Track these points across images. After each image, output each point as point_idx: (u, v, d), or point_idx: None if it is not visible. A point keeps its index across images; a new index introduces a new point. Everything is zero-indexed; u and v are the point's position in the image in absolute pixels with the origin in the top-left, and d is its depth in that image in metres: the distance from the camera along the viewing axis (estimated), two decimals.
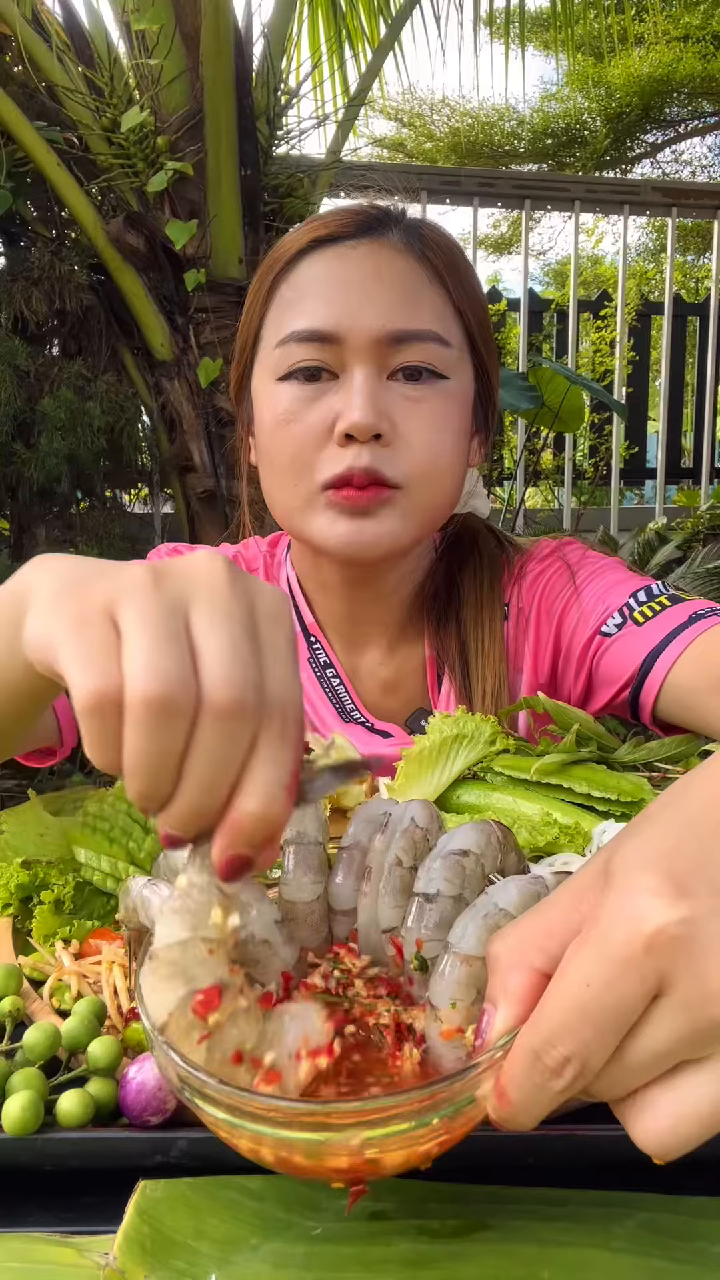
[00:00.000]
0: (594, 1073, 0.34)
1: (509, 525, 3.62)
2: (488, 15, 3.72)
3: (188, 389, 2.69)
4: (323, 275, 0.91)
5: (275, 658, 0.38)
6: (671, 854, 0.34)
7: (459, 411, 0.93)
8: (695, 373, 5.30)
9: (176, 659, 0.35)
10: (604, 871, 0.35)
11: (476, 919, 0.41)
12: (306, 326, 0.88)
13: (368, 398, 0.87)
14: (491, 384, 1.00)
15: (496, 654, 1.01)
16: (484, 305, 0.98)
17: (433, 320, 0.90)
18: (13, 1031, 0.52)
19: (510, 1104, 0.35)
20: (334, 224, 0.92)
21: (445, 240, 0.96)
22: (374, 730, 1.01)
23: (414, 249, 0.92)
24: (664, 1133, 0.34)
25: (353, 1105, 0.35)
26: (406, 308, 0.89)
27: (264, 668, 0.37)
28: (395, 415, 0.89)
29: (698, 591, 2.96)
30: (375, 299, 0.88)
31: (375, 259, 0.90)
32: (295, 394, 0.90)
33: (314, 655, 1.04)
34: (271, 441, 0.92)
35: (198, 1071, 0.37)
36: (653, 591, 0.99)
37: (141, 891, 0.44)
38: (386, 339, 0.88)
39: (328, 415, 0.88)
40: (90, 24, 2.69)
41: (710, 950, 0.32)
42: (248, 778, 0.36)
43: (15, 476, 2.64)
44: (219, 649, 0.36)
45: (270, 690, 0.37)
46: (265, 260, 0.97)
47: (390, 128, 11.91)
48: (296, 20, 3.13)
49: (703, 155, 12.88)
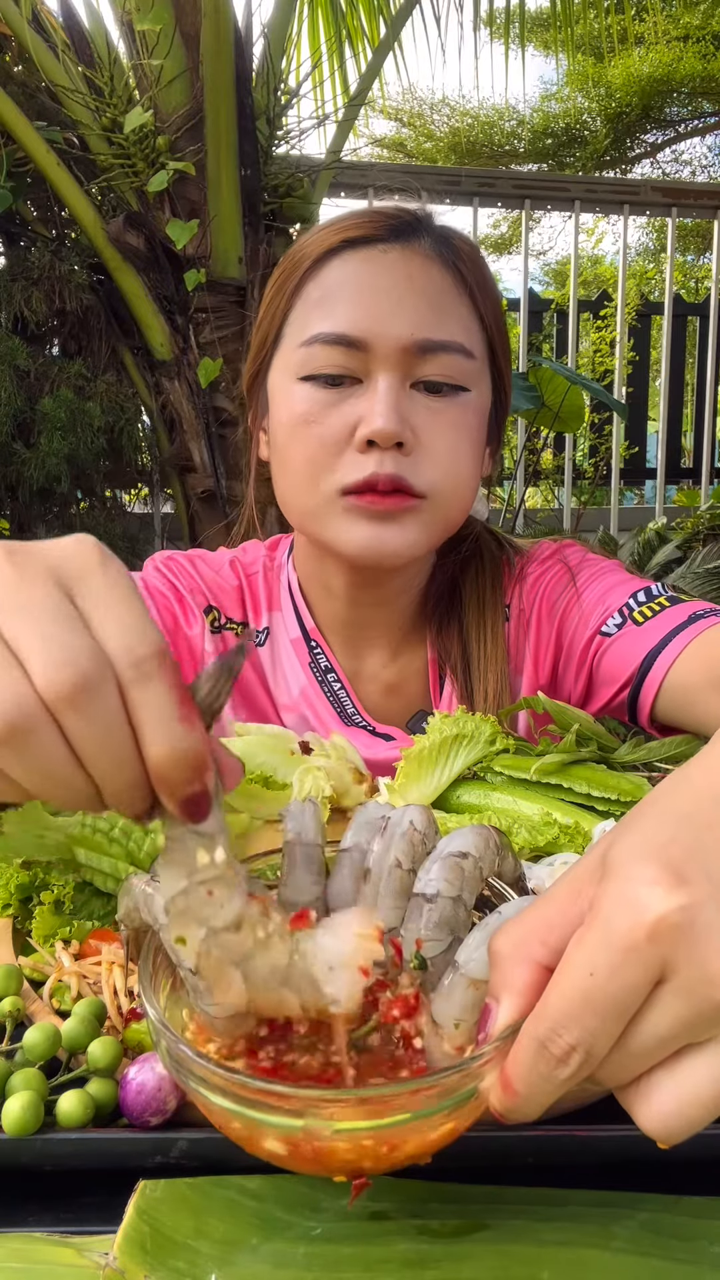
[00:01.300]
0: (599, 1060, 0.34)
1: (509, 525, 3.62)
2: (488, 15, 3.73)
3: (188, 389, 2.69)
4: (352, 278, 0.89)
5: (96, 605, 0.36)
6: (669, 845, 0.35)
7: (478, 423, 0.93)
8: (695, 373, 5.30)
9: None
10: (601, 864, 0.36)
11: (484, 940, 0.41)
12: (334, 330, 0.88)
13: (392, 405, 0.86)
14: (505, 393, 1.00)
15: (498, 655, 1.02)
16: (503, 315, 0.97)
17: (459, 331, 0.90)
18: (13, 1032, 0.52)
19: (516, 1094, 0.36)
20: (367, 225, 0.91)
21: (473, 250, 0.95)
22: (375, 734, 1.01)
23: (444, 257, 0.91)
24: (668, 1116, 0.34)
25: (358, 1092, 0.35)
26: (435, 317, 0.88)
27: (93, 626, 0.35)
28: (417, 424, 0.88)
29: (698, 591, 2.96)
30: (405, 306, 0.87)
31: (407, 265, 0.89)
32: (316, 396, 0.89)
33: (315, 660, 1.04)
34: (289, 441, 0.91)
35: (206, 1061, 0.37)
36: (652, 592, 1.00)
37: (142, 890, 0.44)
38: (414, 348, 0.87)
39: (349, 419, 0.88)
40: (90, 24, 2.69)
41: (709, 935, 0.33)
42: (141, 731, 0.35)
43: (15, 476, 2.64)
44: (29, 642, 0.34)
45: (109, 642, 0.35)
46: (289, 255, 0.96)
47: (390, 128, 11.92)
48: (296, 20, 3.13)
49: (703, 155, 12.89)
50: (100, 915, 0.64)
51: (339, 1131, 0.36)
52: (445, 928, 0.44)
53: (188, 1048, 0.37)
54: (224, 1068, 0.37)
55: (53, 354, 2.85)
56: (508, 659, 1.03)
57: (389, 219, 0.91)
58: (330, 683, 1.03)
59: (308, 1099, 0.35)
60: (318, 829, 0.51)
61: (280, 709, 1.05)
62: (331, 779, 0.82)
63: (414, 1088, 0.36)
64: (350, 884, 0.50)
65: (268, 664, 1.05)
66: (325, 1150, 0.37)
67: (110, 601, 0.36)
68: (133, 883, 0.45)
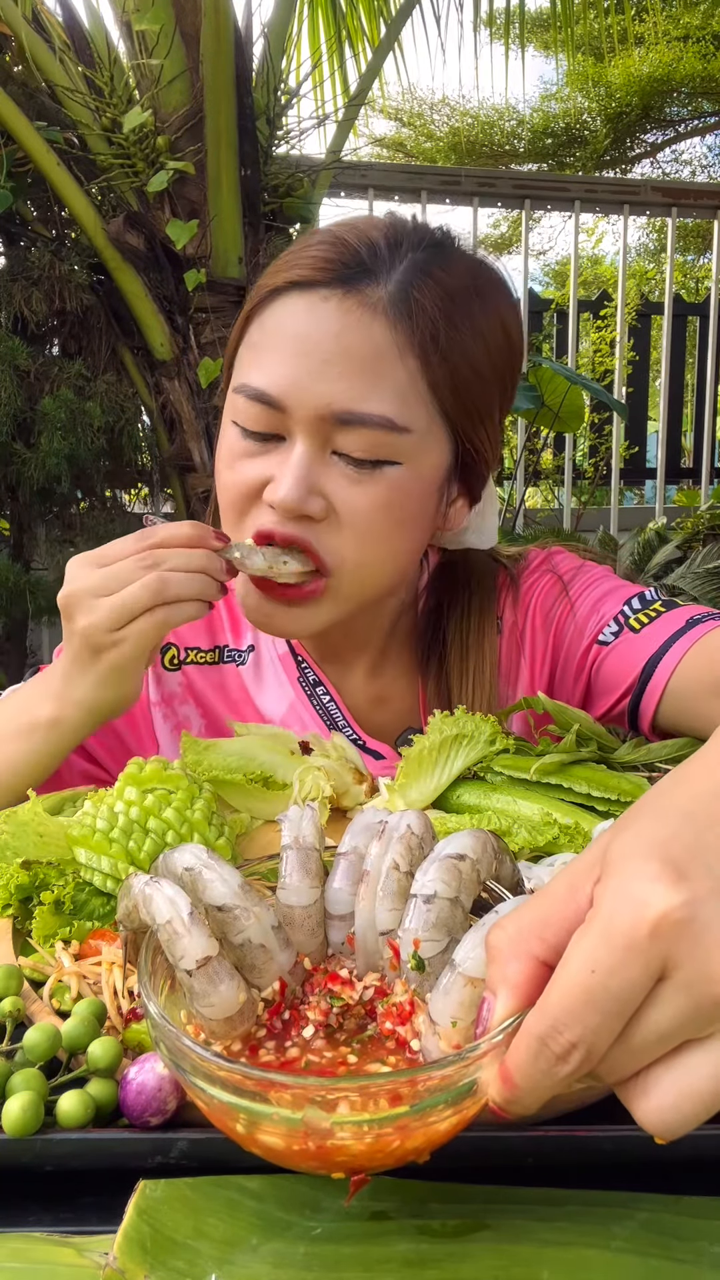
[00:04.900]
0: (599, 1056, 0.34)
1: (509, 525, 3.62)
2: (488, 15, 3.72)
3: (188, 389, 2.69)
4: (287, 327, 0.83)
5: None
6: (669, 841, 0.35)
7: (411, 497, 0.86)
8: (695, 373, 5.31)
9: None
10: (601, 861, 0.36)
11: (481, 939, 0.41)
12: (256, 386, 0.83)
13: (299, 477, 0.82)
14: (478, 450, 0.91)
15: (488, 669, 1.01)
16: (483, 369, 0.87)
17: (389, 402, 0.82)
18: (13, 1032, 0.52)
19: (516, 1088, 0.36)
20: (315, 267, 0.83)
21: (444, 300, 0.84)
22: (365, 749, 1.00)
23: (395, 309, 0.82)
24: (667, 1111, 0.34)
25: (357, 1080, 0.35)
26: (360, 385, 0.81)
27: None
28: (332, 493, 0.83)
29: (698, 591, 2.96)
30: (329, 370, 0.81)
31: (343, 320, 0.81)
32: (241, 445, 0.86)
33: (303, 674, 1.03)
34: (219, 477, 0.90)
35: (207, 1052, 0.37)
36: (646, 598, 0.99)
37: (142, 890, 0.44)
38: (331, 418, 0.81)
39: (263, 474, 0.85)
40: (90, 24, 2.69)
41: (710, 932, 0.33)
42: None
43: (15, 476, 2.65)
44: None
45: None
46: (255, 285, 0.91)
47: (390, 128, 11.90)
48: (296, 20, 3.13)
49: (703, 155, 12.88)
50: (100, 915, 0.64)
51: (339, 1124, 0.36)
52: (443, 928, 0.44)
53: (189, 1040, 0.37)
54: (224, 1058, 0.37)
55: (53, 354, 2.85)
56: (497, 672, 1.02)
57: (343, 262, 0.83)
58: (319, 696, 1.02)
59: (308, 1088, 0.36)
60: (316, 833, 0.51)
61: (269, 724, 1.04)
62: (331, 779, 0.82)
63: (412, 1077, 0.36)
64: (348, 887, 0.50)
65: (251, 681, 1.04)
66: (325, 1146, 0.37)
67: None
68: (133, 883, 0.45)
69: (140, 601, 0.77)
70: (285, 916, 0.49)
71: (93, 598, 0.78)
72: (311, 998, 0.47)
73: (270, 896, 0.50)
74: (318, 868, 0.50)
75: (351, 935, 0.49)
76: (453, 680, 1.01)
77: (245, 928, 0.44)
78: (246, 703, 1.04)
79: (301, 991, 0.48)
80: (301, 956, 0.49)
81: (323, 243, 0.85)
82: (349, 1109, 0.36)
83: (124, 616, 0.77)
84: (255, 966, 0.45)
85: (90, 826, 0.66)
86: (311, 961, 0.49)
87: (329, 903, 0.50)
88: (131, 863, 0.64)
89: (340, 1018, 0.46)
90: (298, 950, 0.48)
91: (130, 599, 0.77)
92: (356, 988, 0.47)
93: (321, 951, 0.50)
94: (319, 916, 0.50)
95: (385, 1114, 0.36)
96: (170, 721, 1.02)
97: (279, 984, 0.46)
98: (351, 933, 0.49)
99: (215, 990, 0.42)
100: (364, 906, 0.48)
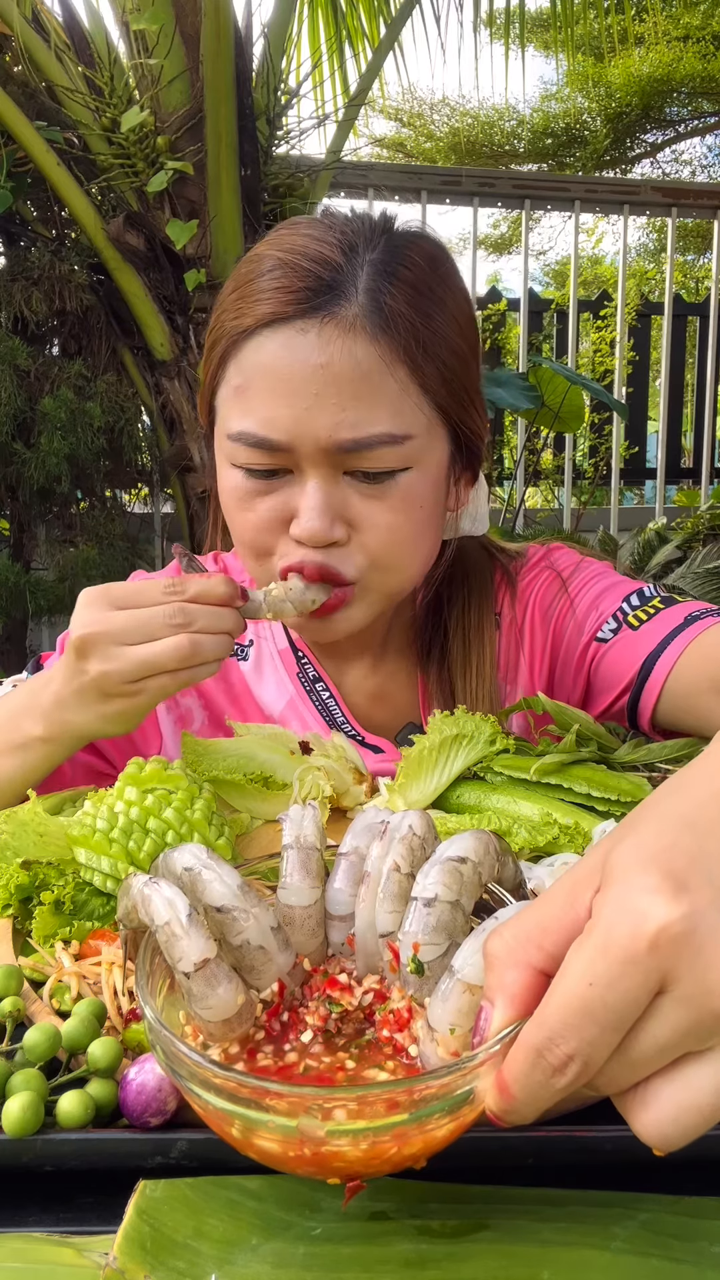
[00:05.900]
0: (597, 1068, 0.34)
1: (509, 525, 3.62)
2: (488, 16, 3.72)
3: (188, 389, 2.69)
4: (270, 367, 0.82)
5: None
6: (669, 850, 0.35)
7: (426, 495, 0.88)
8: (695, 373, 5.30)
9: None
10: (600, 869, 0.36)
11: (480, 946, 0.41)
12: (254, 433, 0.83)
13: (321, 507, 0.83)
14: (473, 430, 0.92)
15: (487, 665, 1.01)
16: (461, 349, 0.87)
17: (388, 419, 0.82)
18: (13, 1032, 0.52)
19: (513, 1099, 0.36)
20: (283, 300, 0.82)
21: (410, 293, 0.83)
22: (365, 744, 1.00)
23: (373, 323, 0.82)
24: (665, 1124, 0.34)
25: (353, 1090, 0.35)
26: (358, 410, 0.81)
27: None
28: (352, 513, 0.85)
29: (697, 591, 2.96)
30: (325, 403, 0.81)
31: (326, 349, 0.81)
32: (248, 485, 0.86)
33: (303, 670, 1.04)
34: (230, 516, 0.90)
35: (202, 1058, 0.37)
36: (645, 594, 0.99)
37: (141, 891, 0.44)
38: (334, 448, 0.82)
39: (282, 508, 0.85)
40: (90, 24, 2.69)
41: (711, 944, 0.33)
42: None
43: (15, 476, 2.65)
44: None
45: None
46: (214, 320, 0.89)
47: (390, 128, 11.91)
48: (296, 20, 3.13)
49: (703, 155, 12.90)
50: (100, 915, 0.64)
51: (334, 1132, 0.36)
52: (443, 932, 0.44)
53: (185, 1045, 0.37)
54: (219, 1065, 0.37)
55: (53, 354, 2.86)
56: (497, 668, 1.02)
57: (307, 288, 0.81)
58: (319, 692, 1.02)
59: (303, 1097, 0.35)
60: (317, 833, 0.51)
61: (269, 720, 1.04)
62: (331, 779, 0.82)
63: (409, 1086, 0.36)
64: (348, 887, 0.50)
65: (252, 676, 1.04)
66: (321, 1152, 0.37)
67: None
68: (132, 883, 0.45)
69: (168, 663, 0.74)
70: (285, 916, 0.49)
71: (114, 644, 0.75)
72: (310, 1002, 0.47)
73: (270, 896, 0.50)
74: (319, 868, 0.50)
75: (351, 936, 0.49)
76: (455, 673, 1.01)
77: (244, 929, 0.44)
78: (247, 697, 1.04)
79: (300, 993, 0.48)
80: (301, 957, 0.48)
81: (276, 271, 0.83)
82: (345, 1117, 0.36)
83: (147, 672, 0.75)
84: (254, 968, 0.45)
85: (90, 826, 0.66)
86: (311, 962, 0.49)
87: (329, 903, 0.50)
88: (131, 863, 0.64)
89: (339, 1023, 0.46)
90: (297, 951, 0.48)
91: (157, 657, 0.74)
92: (355, 993, 0.47)
93: (321, 952, 0.50)
94: (319, 917, 0.50)
95: (381, 1122, 0.36)
96: (174, 714, 1.03)
97: (278, 985, 0.46)
98: (351, 934, 0.49)
99: (213, 992, 0.42)
100: (364, 908, 0.48)
